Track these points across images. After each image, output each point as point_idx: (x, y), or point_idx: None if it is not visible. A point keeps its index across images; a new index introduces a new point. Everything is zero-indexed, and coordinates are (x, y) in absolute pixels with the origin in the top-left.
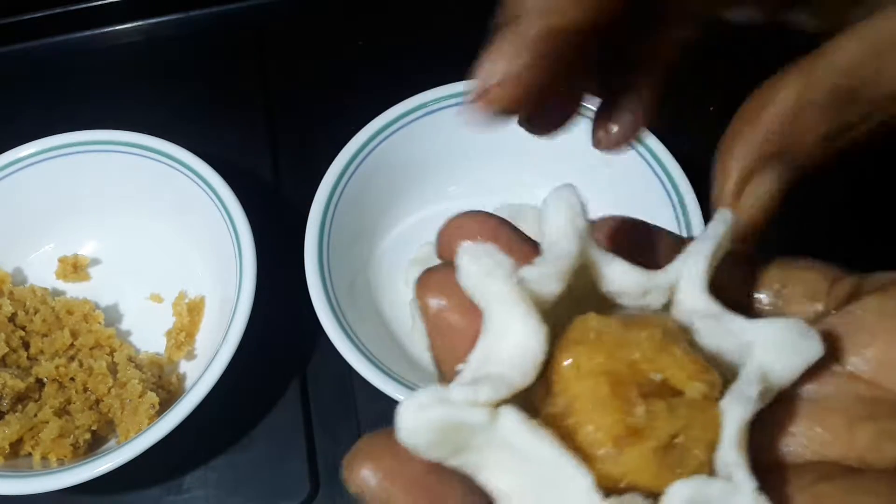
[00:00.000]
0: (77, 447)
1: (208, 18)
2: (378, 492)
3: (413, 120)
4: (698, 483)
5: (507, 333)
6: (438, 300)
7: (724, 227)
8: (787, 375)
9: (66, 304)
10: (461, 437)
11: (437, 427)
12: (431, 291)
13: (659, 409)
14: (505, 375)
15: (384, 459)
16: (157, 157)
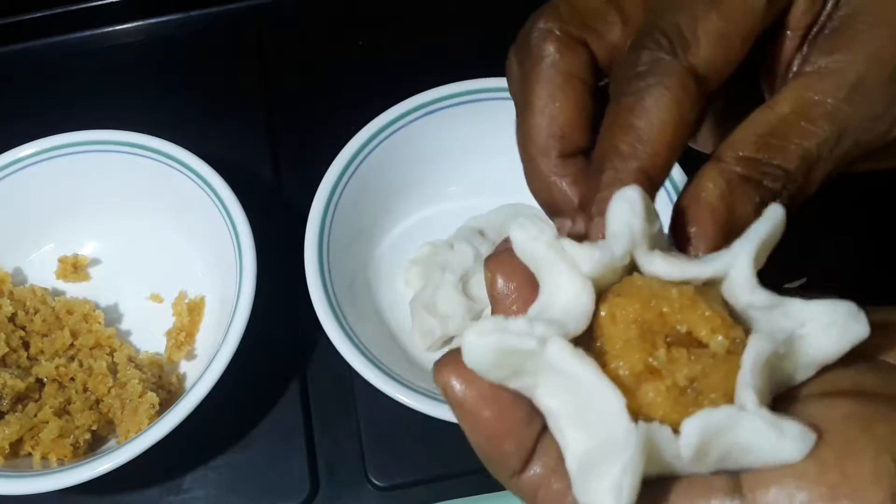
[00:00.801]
0: (77, 447)
1: (208, 18)
2: (457, 394)
3: (413, 120)
4: (707, 413)
5: (558, 290)
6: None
7: (772, 223)
8: (834, 350)
9: (66, 304)
10: (516, 362)
11: (494, 350)
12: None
13: (679, 356)
14: (558, 320)
15: (466, 370)
16: (158, 157)
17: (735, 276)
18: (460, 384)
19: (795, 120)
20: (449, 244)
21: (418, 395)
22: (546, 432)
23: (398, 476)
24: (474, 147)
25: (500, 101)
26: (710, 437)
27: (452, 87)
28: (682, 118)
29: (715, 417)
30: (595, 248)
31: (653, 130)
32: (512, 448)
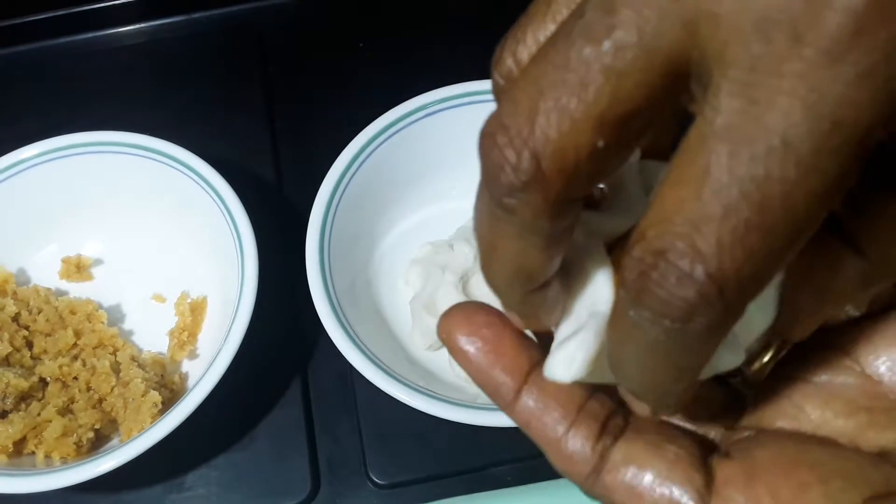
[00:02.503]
0: (80, 446)
1: (210, 20)
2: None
3: (414, 121)
4: None
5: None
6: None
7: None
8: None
9: (69, 304)
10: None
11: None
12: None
13: None
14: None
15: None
16: (160, 158)
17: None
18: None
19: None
20: (449, 244)
21: (418, 393)
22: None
23: (398, 474)
24: (474, 148)
25: None
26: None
27: (453, 89)
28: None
29: None
30: (615, 212)
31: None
32: (503, 379)
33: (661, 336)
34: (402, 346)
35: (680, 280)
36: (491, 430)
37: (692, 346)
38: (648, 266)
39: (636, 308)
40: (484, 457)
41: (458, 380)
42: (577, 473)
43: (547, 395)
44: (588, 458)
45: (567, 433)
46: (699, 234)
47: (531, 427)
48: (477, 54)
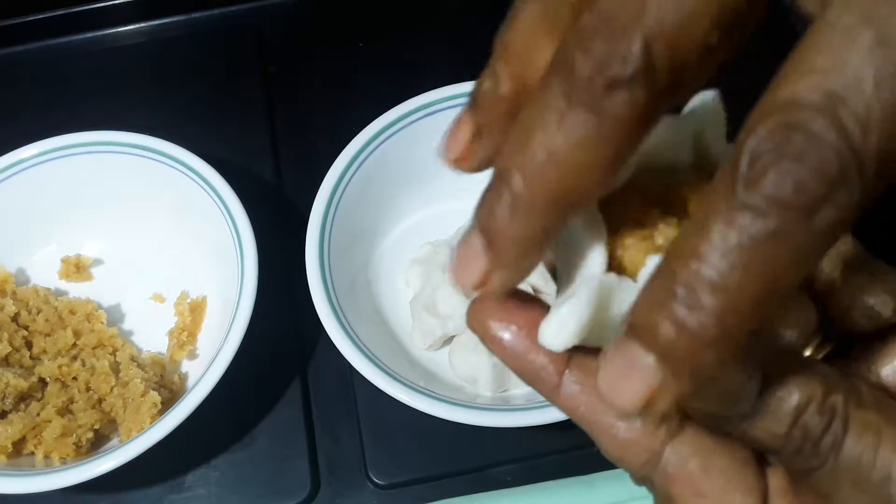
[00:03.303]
0: (79, 446)
1: (210, 20)
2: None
3: (414, 121)
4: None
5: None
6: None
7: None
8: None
9: (68, 304)
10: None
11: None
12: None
13: (670, 221)
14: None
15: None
16: (159, 158)
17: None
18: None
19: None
20: (449, 244)
21: (418, 394)
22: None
23: (398, 474)
24: None
25: None
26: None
27: (454, 89)
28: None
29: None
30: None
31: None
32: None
33: (770, 236)
34: (402, 346)
35: (822, 152)
36: (491, 430)
37: (807, 248)
38: (777, 144)
39: (749, 200)
40: (484, 457)
41: (458, 380)
42: (633, 460)
43: (594, 375)
44: (648, 444)
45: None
46: (843, 107)
47: (580, 412)
48: (476, 54)
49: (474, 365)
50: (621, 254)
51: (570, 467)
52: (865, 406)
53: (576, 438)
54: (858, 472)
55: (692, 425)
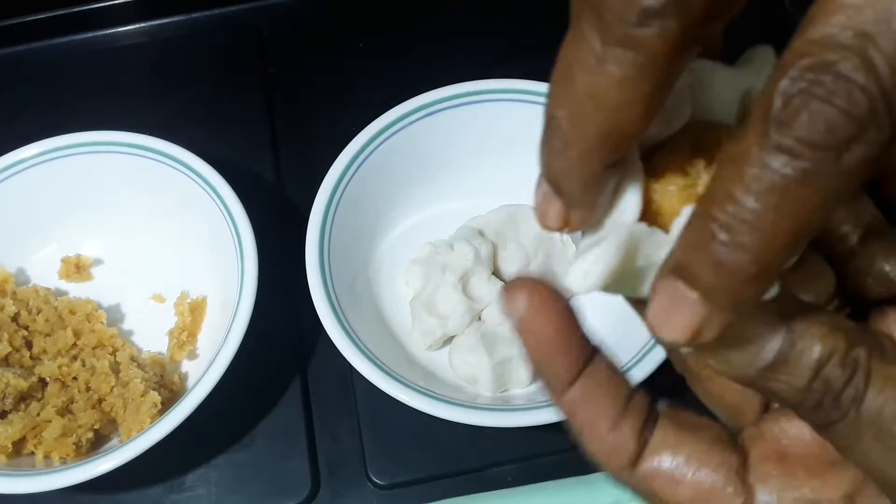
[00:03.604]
0: (79, 446)
1: (210, 20)
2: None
3: (414, 121)
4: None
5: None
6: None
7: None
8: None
9: (68, 304)
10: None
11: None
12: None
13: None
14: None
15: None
16: (159, 158)
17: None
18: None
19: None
20: (449, 244)
21: (418, 394)
22: (597, 359)
23: (398, 474)
24: (475, 148)
25: (501, 103)
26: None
27: (453, 89)
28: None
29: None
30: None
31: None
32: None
33: (801, 175)
34: (402, 346)
35: (851, 92)
36: (491, 430)
37: (836, 187)
38: (812, 83)
39: (781, 141)
40: (484, 457)
41: (457, 380)
42: (615, 464)
43: (598, 386)
44: (630, 449)
45: (615, 426)
46: (872, 45)
47: (577, 417)
48: (476, 54)
49: (474, 365)
50: (658, 200)
51: (570, 467)
52: (888, 360)
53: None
54: (880, 424)
55: (662, 422)
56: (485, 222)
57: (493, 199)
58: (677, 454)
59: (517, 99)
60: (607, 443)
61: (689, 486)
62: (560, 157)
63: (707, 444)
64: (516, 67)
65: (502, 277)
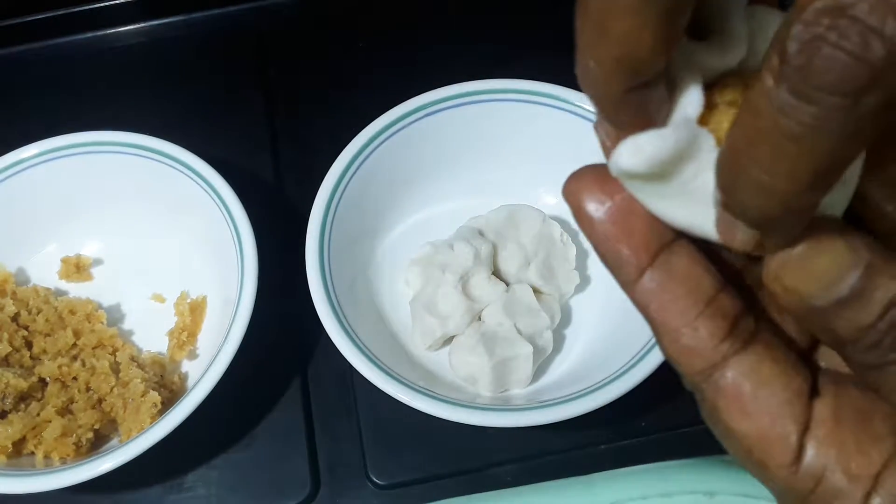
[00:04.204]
0: (79, 446)
1: (210, 20)
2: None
3: (414, 121)
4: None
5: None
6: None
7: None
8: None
9: (68, 304)
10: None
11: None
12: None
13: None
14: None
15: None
16: (159, 158)
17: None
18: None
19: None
20: (449, 244)
21: (418, 394)
22: (675, 246)
23: (398, 475)
24: (475, 148)
25: (501, 103)
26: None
27: (453, 89)
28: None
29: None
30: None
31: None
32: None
33: (815, 121)
34: (402, 346)
35: (866, 37)
36: (491, 430)
37: (852, 132)
38: (826, 27)
39: (795, 85)
40: (484, 457)
41: (458, 380)
42: (690, 366)
43: (674, 279)
44: (708, 355)
45: (692, 324)
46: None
47: (650, 310)
48: (476, 54)
49: (474, 365)
50: (718, 103)
51: (570, 467)
52: None
53: (576, 438)
54: None
55: (757, 347)
56: (485, 222)
57: (493, 199)
58: (760, 390)
59: (517, 99)
60: (682, 342)
61: (755, 427)
62: (588, 77)
63: (793, 394)
64: (516, 67)
65: (502, 277)
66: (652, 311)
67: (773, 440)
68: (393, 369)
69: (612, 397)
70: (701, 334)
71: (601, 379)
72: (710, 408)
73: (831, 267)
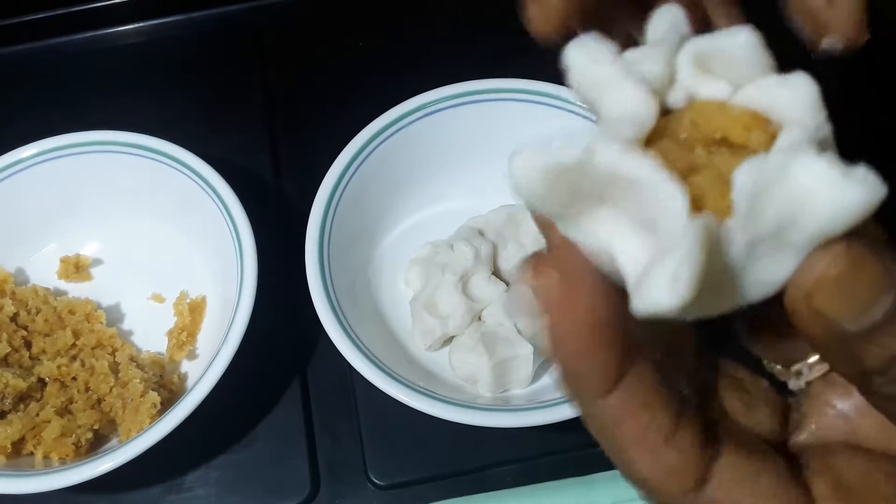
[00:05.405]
0: (79, 446)
1: (209, 20)
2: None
3: (413, 121)
4: (758, 157)
5: (624, 102)
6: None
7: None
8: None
9: (68, 304)
10: (568, 183)
11: (542, 172)
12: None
13: (721, 153)
14: (610, 128)
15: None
16: (159, 158)
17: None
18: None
19: None
20: (449, 244)
21: (418, 394)
22: (640, 360)
23: (398, 475)
24: (474, 148)
25: (501, 103)
26: (765, 185)
27: (453, 88)
28: None
29: (768, 159)
30: (653, 47)
31: None
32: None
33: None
34: (402, 346)
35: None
36: (491, 430)
37: None
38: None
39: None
40: (484, 457)
41: (457, 380)
42: (675, 486)
43: (648, 390)
44: (692, 470)
45: (670, 439)
46: None
47: (622, 427)
48: (476, 54)
49: (474, 365)
50: (697, 191)
51: (570, 467)
52: None
53: (576, 438)
54: None
55: (729, 446)
56: (485, 222)
57: (493, 199)
58: (755, 488)
59: (517, 99)
60: (665, 459)
61: None
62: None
63: (785, 479)
64: (516, 67)
65: (502, 277)
66: (625, 428)
67: None
68: (393, 369)
69: None
70: (684, 447)
71: None
72: None
73: (868, 288)
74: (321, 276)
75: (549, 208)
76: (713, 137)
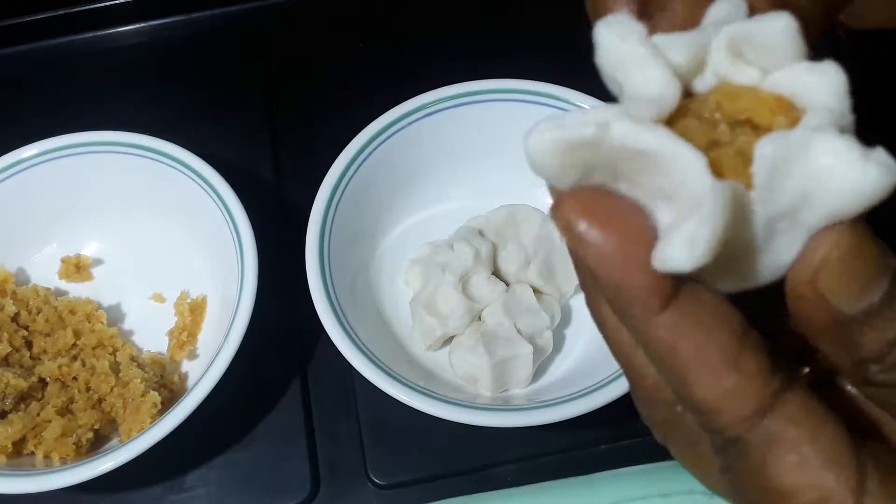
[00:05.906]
0: (79, 446)
1: (210, 20)
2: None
3: (414, 121)
4: (780, 133)
5: (648, 85)
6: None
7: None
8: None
9: (68, 304)
10: (583, 158)
11: (554, 146)
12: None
13: (743, 132)
14: (629, 109)
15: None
16: (159, 158)
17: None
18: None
19: None
20: (449, 244)
21: (418, 394)
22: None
23: (399, 475)
24: (475, 148)
25: (501, 103)
26: (785, 159)
27: (453, 89)
28: None
29: (789, 135)
30: (689, 33)
31: None
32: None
33: None
34: (402, 346)
35: None
36: (491, 430)
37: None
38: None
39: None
40: (484, 457)
41: (457, 380)
42: (736, 410)
43: (704, 309)
44: (760, 393)
45: (736, 360)
46: None
47: (679, 349)
48: (476, 55)
49: (474, 365)
50: (717, 164)
51: (570, 467)
52: None
53: (576, 438)
54: None
55: (801, 385)
56: (485, 222)
57: (493, 199)
58: (817, 435)
59: (517, 99)
60: (724, 381)
61: (814, 483)
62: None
63: (845, 439)
64: (516, 67)
65: (502, 277)
66: (683, 349)
67: (834, 498)
68: (393, 369)
69: (613, 397)
70: (749, 370)
71: (601, 379)
72: (757, 462)
73: (868, 270)
74: (321, 276)
75: (564, 183)
76: (738, 119)
